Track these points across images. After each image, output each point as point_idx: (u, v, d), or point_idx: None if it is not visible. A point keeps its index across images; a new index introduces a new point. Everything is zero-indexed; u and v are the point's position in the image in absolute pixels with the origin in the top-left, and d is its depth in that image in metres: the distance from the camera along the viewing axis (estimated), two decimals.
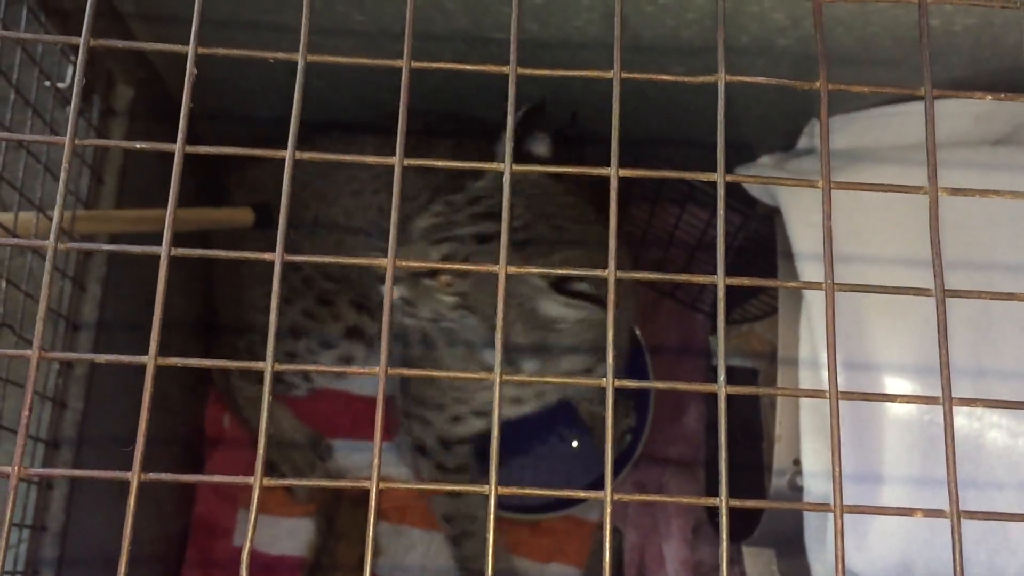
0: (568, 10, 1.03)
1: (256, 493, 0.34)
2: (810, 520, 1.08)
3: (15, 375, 0.91)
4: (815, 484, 1.04)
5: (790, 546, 1.18)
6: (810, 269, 1.05)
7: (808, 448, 1.05)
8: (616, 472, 1.46)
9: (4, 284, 0.85)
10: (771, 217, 1.24)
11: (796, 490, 1.07)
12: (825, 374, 1.02)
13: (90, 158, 0.99)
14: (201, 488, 1.41)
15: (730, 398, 1.37)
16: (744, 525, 1.21)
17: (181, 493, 1.38)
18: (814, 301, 1.03)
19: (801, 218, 1.10)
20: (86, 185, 1.00)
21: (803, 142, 1.31)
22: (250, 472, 0.82)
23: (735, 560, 1.34)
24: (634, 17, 1.03)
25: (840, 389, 0.78)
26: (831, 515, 1.05)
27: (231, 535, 1.41)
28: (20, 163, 0.89)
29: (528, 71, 0.40)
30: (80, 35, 0.81)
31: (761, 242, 1.33)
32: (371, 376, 0.34)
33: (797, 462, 1.07)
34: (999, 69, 1.13)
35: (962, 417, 1.02)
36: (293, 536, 1.42)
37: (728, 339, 1.39)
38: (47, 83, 0.93)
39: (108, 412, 1.04)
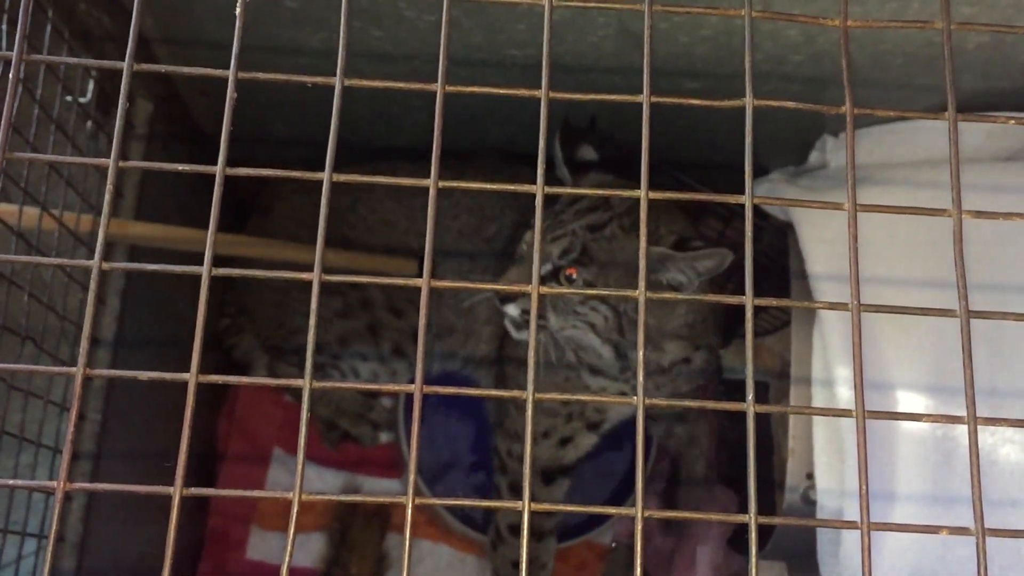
0: (584, 27, 1.04)
1: (295, 508, 0.34)
2: (823, 534, 1.08)
3: (30, 386, 0.91)
4: (828, 499, 1.04)
5: (802, 560, 1.18)
6: (824, 287, 1.06)
7: (821, 462, 1.05)
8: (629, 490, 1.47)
9: (26, 298, 0.86)
10: (783, 230, 1.25)
11: (809, 504, 1.08)
12: (839, 390, 1.03)
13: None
14: (214, 502, 1.42)
15: (740, 413, 1.36)
16: (756, 539, 1.22)
17: (194, 506, 1.38)
18: (827, 319, 1.04)
19: (814, 234, 1.10)
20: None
21: (814, 157, 1.32)
22: (261, 485, 0.82)
23: (745, 574, 1.35)
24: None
25: (849, 407, 0.79)
26: (844, 530, 1.06)
27: (244, 548, 1.41)
28: (42, 175, 0.90)
29: (559, 95, 0.41)
30: (102, 55, 0.81)
31: (773, 255, 1.33)
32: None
33: (810, 476, 1.08)
34: (1011, 87, 1.13)
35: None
36: (305, 549, 1.43)
37: (737, 352, 1.40)
38: (68, 98, 0.94)
39: (125, 425, 1.04)
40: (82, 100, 0.95)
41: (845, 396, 1.01)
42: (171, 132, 1.11)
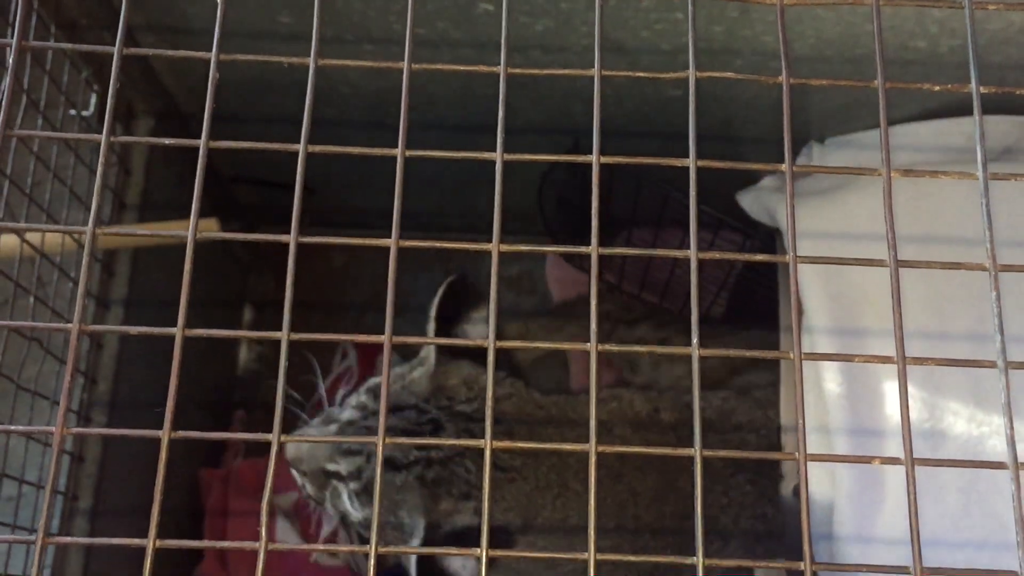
0: (568, 37, 1.07)
1: (274, 450, 0.37)
2: (817, 532, 1.10)
3: (37, 386, 0.95)
4: (819, 489, 1.06)
5: (799, 558, 1.20)
6: (810, 278, 1.08)
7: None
8: None
9: (32, 300, 0.89)
10: (772, 236, 1.28)
11: (798, 498, 1.10)
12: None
13: (112, 182, 1.04)
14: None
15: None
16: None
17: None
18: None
19: (801, 238, 1.13)
20: (108, 209, 1.04)
21: (800, 163, 1.35)
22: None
23: None
24: (630, 42, 1.07)
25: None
26: (836, 528, 1.07)
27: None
28: (47, 185, 0.94)
29: (518, 71, 0.44)
30: (101, 68, 0.85)
31: (764, 263, 1.36)
32: None
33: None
34: (985, 90, 1.16)
35: (963, 423, 1.05)
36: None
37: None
38: (72, 112, 0.98)
39: (137, 392, 1.06)
40: (84, 113, 0.99)
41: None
42: (172, 146, 1.14)
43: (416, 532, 0.96)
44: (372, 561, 0.35)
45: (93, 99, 0.99)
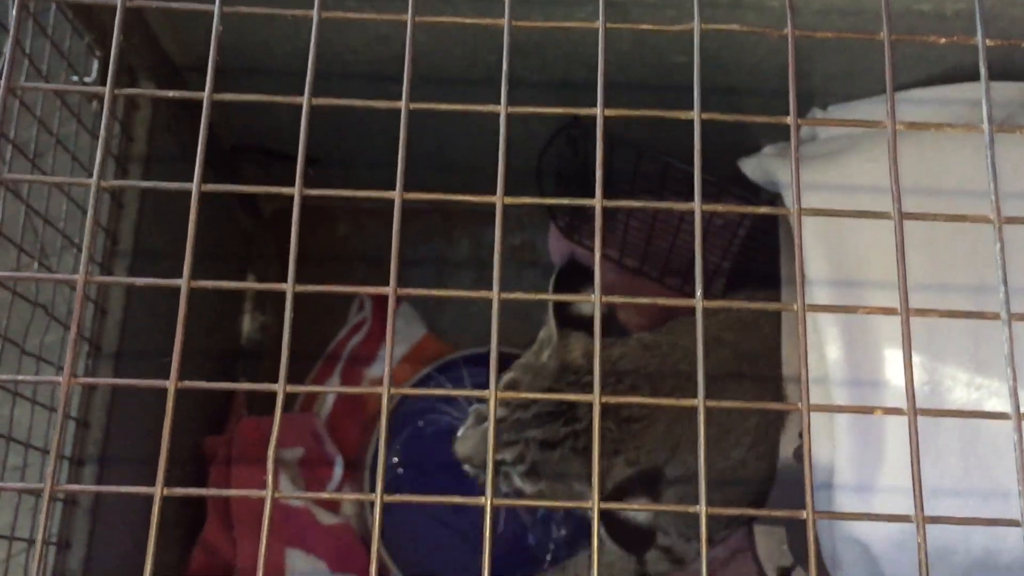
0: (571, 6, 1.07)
1: (281, 398, 0.38)
2: (817, 497, 1.11)
3: (42, 351, 0.95)
4: (819, 451, 1.07)
5: (800, 523, 1.20)
6: (810, 247, 1.09)
7: (815, 421, 1.07)
8: None
9: (36, 265, 0.90)
10: (774, 203, 1.28)
11: (801, 460, 1.10)
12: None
13: (115, 148, 1.04)
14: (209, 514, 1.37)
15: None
16: (754, 505, 1.24)
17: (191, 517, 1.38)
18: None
19: (803, 199, 1.13)
20: (112, 173, 1.05)
21: (804, 131, 1.35)
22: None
23: (746, 540, 1.37)
24: (633, 7, 1.07)
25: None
26: (836, 489, 1.08)
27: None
28: (49, 156, 0.94)
29: (523, 23, 0.44)
30: (103, 33, 0.84)
31: (767, 230, 1.36)
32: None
33: (801, 436, 1.10)
34: (992, 54, 1.16)
35: (961, 388, 1.05)
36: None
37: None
38: (74, 78, 0.98)
39: (141, 359, 1.06)
40: (87, 79, 0.98)
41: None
42: (173, 111, 1.15)
43: (589, 495, 1.02)
44: (378, 508, 0.35)
45: (95, 66, 0.99)
